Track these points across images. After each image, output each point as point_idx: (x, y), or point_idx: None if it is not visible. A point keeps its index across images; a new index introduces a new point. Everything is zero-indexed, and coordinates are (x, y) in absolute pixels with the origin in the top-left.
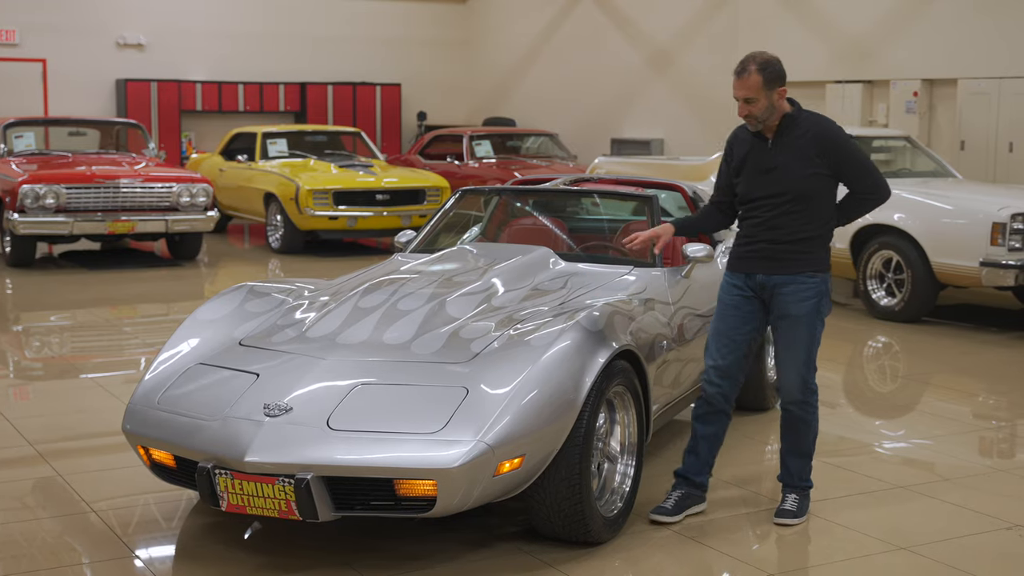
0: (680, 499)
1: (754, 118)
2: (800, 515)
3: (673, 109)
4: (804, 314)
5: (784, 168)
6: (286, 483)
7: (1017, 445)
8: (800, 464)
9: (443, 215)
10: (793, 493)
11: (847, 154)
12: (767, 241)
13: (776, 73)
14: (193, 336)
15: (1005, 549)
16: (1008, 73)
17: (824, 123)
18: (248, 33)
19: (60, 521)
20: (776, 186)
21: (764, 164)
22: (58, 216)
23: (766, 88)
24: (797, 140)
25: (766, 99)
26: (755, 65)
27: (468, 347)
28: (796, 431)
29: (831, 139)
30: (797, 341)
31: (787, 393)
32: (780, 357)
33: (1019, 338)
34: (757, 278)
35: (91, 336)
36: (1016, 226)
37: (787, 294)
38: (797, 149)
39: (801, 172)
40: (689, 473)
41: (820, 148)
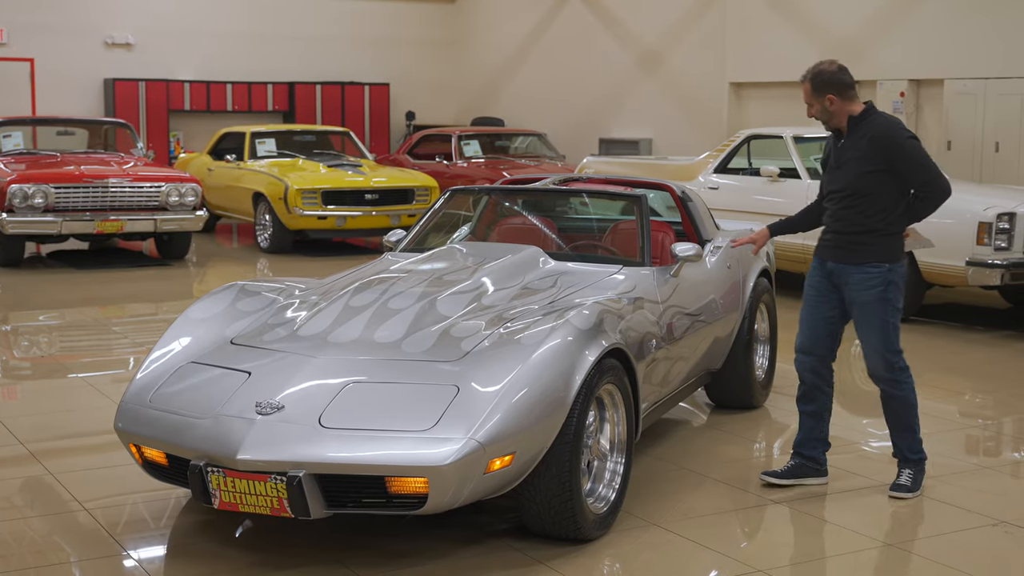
0: (793, 468)
1: (817, 118)
2: (915, 489)
3: (661, 109)
4: (871, 301)
5: (847, 166)
6: (278, 481)
7: (1003, 443)
8: (907, 438)
9: (433, 214)
10: (908, 468)
11: (902, 154)
12: (833, 232)
13: (823, 82)
14: (185, 335)
15: (992, 545)
16: (994, 74)
17: (884, 124)
18: (236, 33)
19: (51, 520)
20: (840, 182)
21: (836, 162)
22: (47, 216)
23: (815, 95)
24: (858, 140)
25: (818, 104)
26: (809, 74)
27: (459, 346)
28: (893, 407)
29: (887, 139)
30: (870, 325)
31: (873, 372)
32: (862, 340)
33: (1005, 337)
34: (828, 265)
35: (80, 336)
36: (1002, 226)
37: (854, 283)
38: (858, 149)
39: (857, 170)
40: (800, 448)
41: (876, 147)
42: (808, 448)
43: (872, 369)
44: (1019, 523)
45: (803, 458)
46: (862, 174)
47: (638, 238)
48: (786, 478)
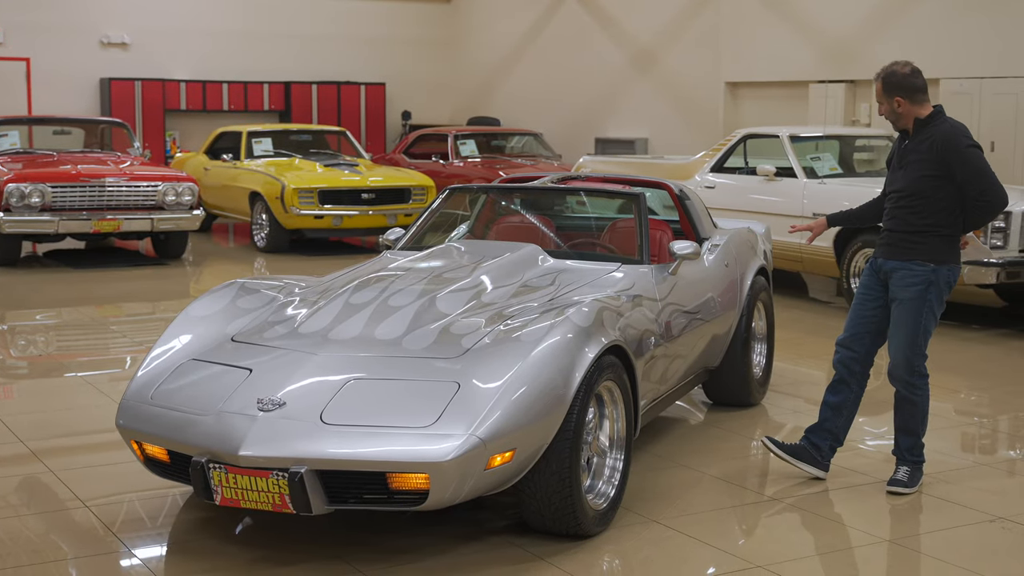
0: (795, 447)
1: (886, 116)
2: (912, 485)
3: (657, 109)
4: (910, 298)
5: (908, 167)
6: (280, 477)
7: (999, 441)
8: (909, 441)
9: (431, 213)
10: (905, 466)
11: (960, 161)
12: (889, 230)
13: (894, 84)
14: (185, 332)
15: (988, 541)
16: (989, 73)
17: (947, 130)
18: (232, 32)
19: (52, 517)
20: (900, 182)
21: (899, 162)
22: (43, 215)
23: (885, 95)
24: (920, 144)
25: (887, 104)
26: (882, 73)
27: (459, 343)
28: (904, 410)
29: (948, 145)
30: (902, 323)
31: (894, 371)
32: (890, 338)
33: (1001, 335)
34: (879, 262)
35: (77, 334)
36: (997, 224)
37: (897, 278)
38: (919, 152)
39: (917, 172)
40: (810, 432)
41: (936, 152)
42: (816, 435)
43: (893, 368)
44: (1016, 519)
45: (809, 443)
46: (921, 177)
47: (636, 236)
48: (784, 451)
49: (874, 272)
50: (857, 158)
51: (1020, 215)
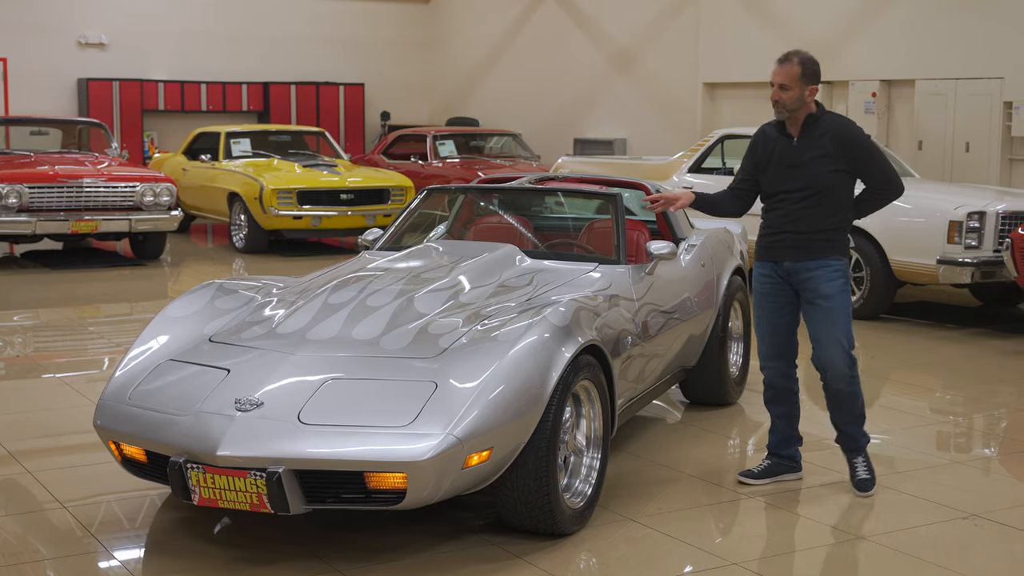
0: (769, 467)
1: (783, 105)
2: (874, 482)
3: (636, 109)
4: (836, 292)
5: (808, 164)
6: (258, 477)
7: (973, 439)
8: (858, 428)
9: (410, 213)
10: (859, 456)
11: (865, 152)
12: (792, 232)
13: (813, 72)
14: (163, 333)
15: (962, 538)
16: (964, 74)
17: (844, 123)
18: (211, 32)
19: (29, 518)
20: (800, 181)
21: (789, 160)
22: (21, 216)
23: (802, 81)
24: (820, 139)
25: (799, 91)
26: (798, 58)
27: (436, 342)
28: (847, 403)
29: (851, 138)
30: (834, 319)
31: (835, 371)
32: (820, 338)
33: (976, 335)
34: (785, 265)
35: (55, 335)
36: (972, 224)
37: (817, 277)
38: (820, 147)
39: (823, 169)
40: (775, 449)
41: (840, 146)
42: (784, 448)
43: (832, 367)
44: (990, 516)
45: (780, 458)
46: (827, 173)
47: (613, 236)
48: (763, 478)
49: (780, 277)
50: None
51: (995, 215)
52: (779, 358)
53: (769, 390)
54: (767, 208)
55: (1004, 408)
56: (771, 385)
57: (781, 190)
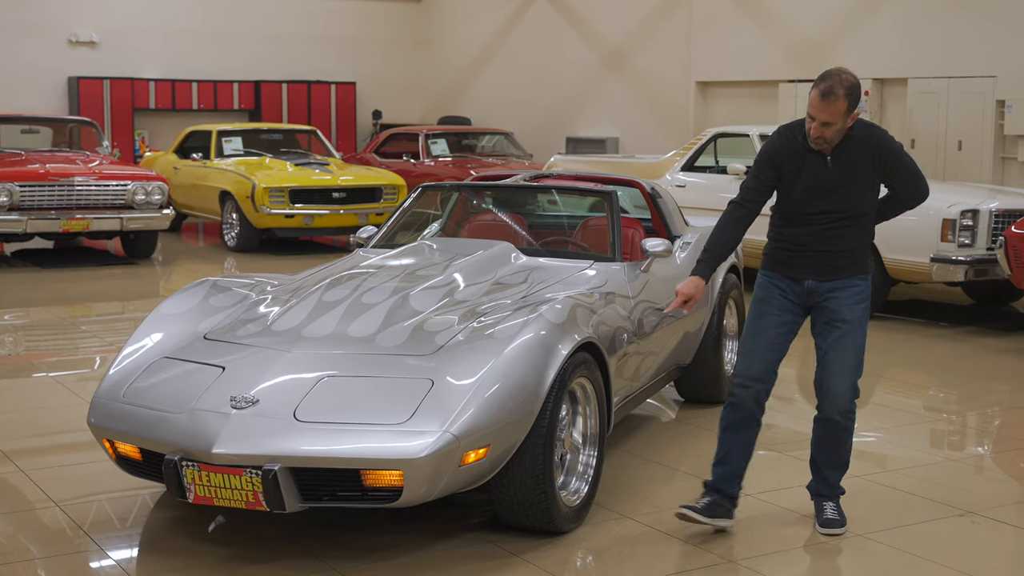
0: (711, 505)
1: (825, 140)
2: (844, 523)
3: (628, 108)
4: (858, 317)
5: (847, 187)
6: (253, 474)
7: (967, 437)
8: (838, 475)
9: (404, 211)
10: (831, 501)
11: (903, 167)
12: (821, 252)
13: (858, 98)
14: (157, 330)
15: (958, 536)
16: (957, 73)
17: (878, 135)
18: (202, 31)
19: (22, 516)
20: (834, 204)
21: (823, 183)
22: (11, 214)
23: (847, 114)
24: (857, 159)
25: (843, 124)
26: (843, 90)
27: (432, 340)
28: (838, 441)
29: (889, 150)
30: (851, 345)
31: (837, 401)
32: (830, 364)
33: (969, 333)
34: (807, 284)
35: (47, 334)
36: (966, 222)
37: (842, 298)
38: (858, 169)
39: (862, 192)
40: (720, 485)
41: (879, 164)
42: (729, 484)
43: (837, 396)
44: (986, 514)
45: (722, 496)
46: (866, 195)
47: (609, 234)
48: (705, 516)
49: (794, 295)
50: None
51: (988, 213)
52: (763, 381)
53: (735, 413)
54: (786, 222)
55: (998, 406)
56: (740, 408)
57: (810, 212)
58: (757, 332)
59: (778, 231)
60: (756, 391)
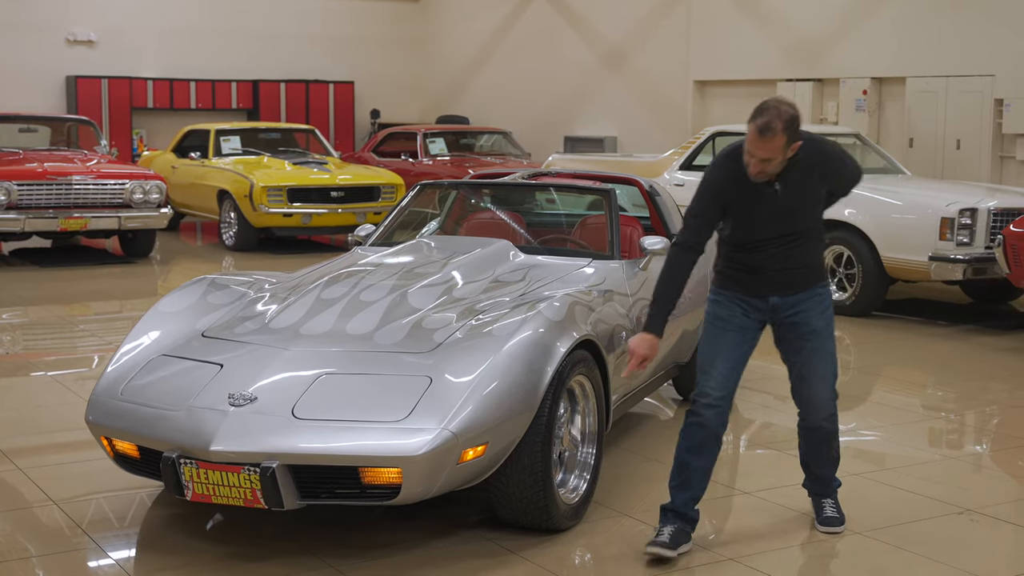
0: (677, 534)
1: (766, 174)
2: (843, 520)
3: (626, 107)
4: (826, 324)
5: (797, 211)
6: (251, 472)
7: (966, 435)
8: (832, 471)
9: (402, 209)
10: (829, 498)
11: (842, 170)
12: (780, 271)
13: (797, 130)
14: (155, 328)
15: (957, 533)
16: (955, 72)
17: (821, 151)
18: (200, 30)
19: (19, 515)
20: (790, 227)
21: (776, 212)
22: (9, 213)
23: (786, 147)
24: (806, 180)
25: (783, 157)
26: (782, 124)
27: (431, 337)
28: (828, 443)
29: (829, 158)
30: (827, 354)
31: (821, 409)
32: (809, 375)
33: (967, 331)
34: (771, 301)
35: (45, 333)
36: (964, 221)
37: (809, 308)
38: (808, 189)
39: (812, 212)
40: (685, 509)
41: (825, 177)
42: (691, 509)
43: (820, 405)
44: (984, 511)
45: (684, 521)
46: (818, 214)
47: (607, 232)
48: (674, 548)
49: (756, 310)
50: None
51: (986, 212)
52: (728, 398)
53: (701, 433)
54: (738, 249)
55: (996, 404)
56: (706, 427)
57: (763, 238)
58: (720, 351)
59: (730, 256)
60: (723, 410)
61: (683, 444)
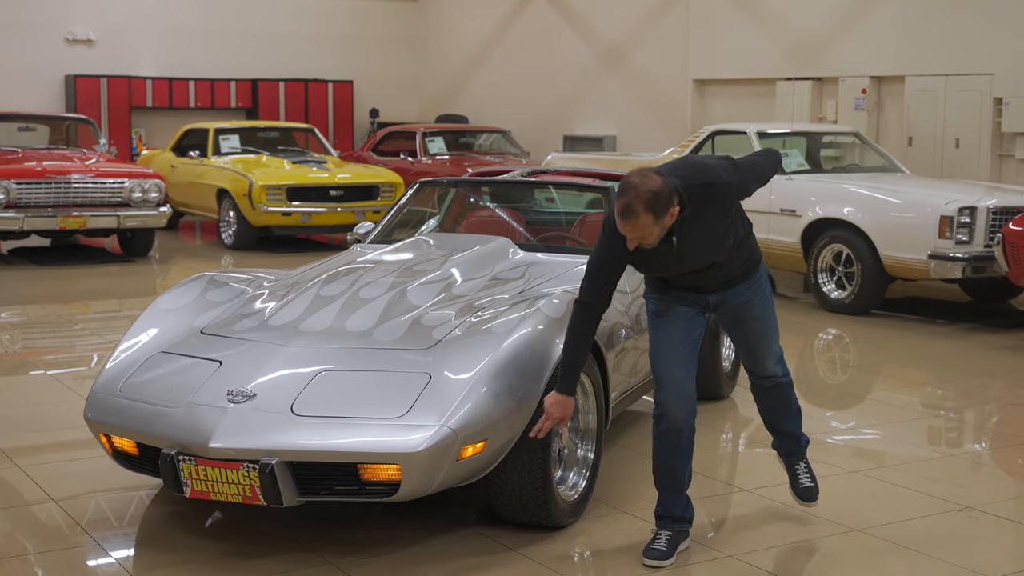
0: (674, 537)
1: (650, 245)
2: (818, 490)
3: (625, 106)
4: (767, 305)
5: (704, 249)
6: (250, 469)
7: (965, 433)
8: (796, 424)
9: (401, 207)
10: (800, 460)
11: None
12: (714, 279)
13: (665, 200)
14: (153, 325)
15: (957, 530)
16: (954, 71)
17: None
18: (199, 29)
19: (19, 513)
20: (704, 261)
21: (679, 258)
22: (8, 212)
23: (658, 221)
24: (701, 221)
25: (660, 228)
26: (642, 205)
27: (430, 334)
28: (785, 395)
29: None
30: (769, 329)
31: (771, 373)
32: (757, 352)
33: (966, 330)
34: (711, 297)
35: (43, 332)
36: (963, 220)
37: (750, 298)
38: (705, 229)
39: (723, 244)
40: (675, 510)
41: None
42: (685, 509)
43: (768, 372)
44: (984, 508)
45: (680, 523)
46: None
47: None
48: (671, 555)
49: (701, 306)
50: (824, 155)
51: (985, 210)
52: (690, 392)
53: (678, 438)
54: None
55: (995, 403)
56: (681, 431)
57: (679, 277)
58: (671, 347)
59: (655, 287)
60: (691, 405)
61: (661, 451)
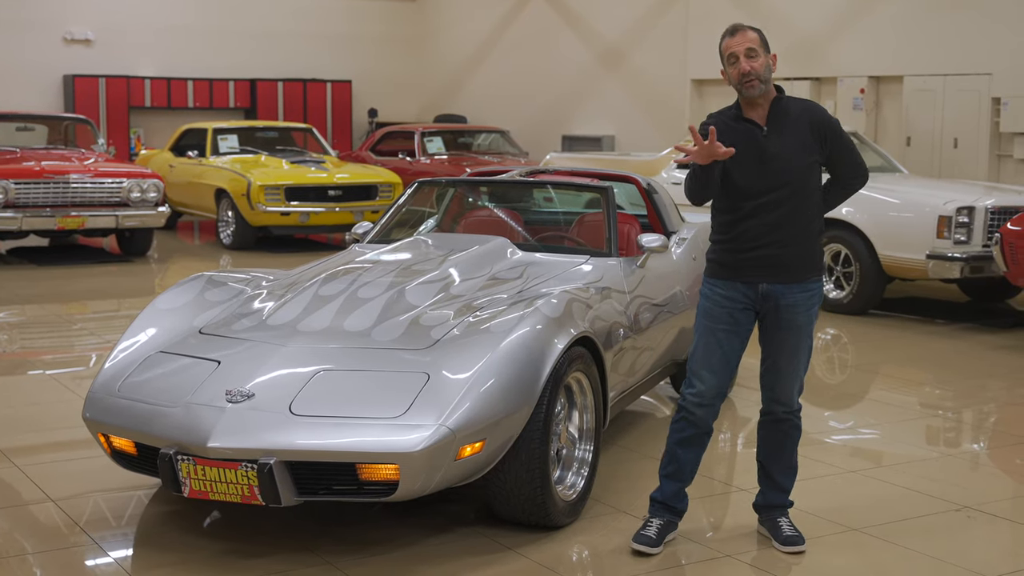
0: (664, 527)
1: (757, 75)
2: (803, 538)
3: (624, 105)
4: (808, 323)
5: (785, 157)
6: (249, 468)
7: (963, 433)
8: (791, 480)
9: (400, 207)
10: (784, 516)
11: (844, 140)
12: (775, 244)
13: (765, 40)
14: (152, 325)
15: (955, 529)
16: (953, 70)
17: (813, 106)
18: (197, 29)
19: (17, 513)
20: (776, 178)
21: (762, 154)
22: (7, 212)
23: (763, 46)
24: (793, 124)
25: (766, 58)
26: (748, 26)
27: (428, 334)
28: (790, 441)
29: (829, 125)
30: (802, 350)
31: (787, 403)
32: (781, 368)
33: (964, 330)
34: (761, 288)
35: (43, 332)
36: (961, 219)
37: (797, 303)
38: (794, 135)
39: (801, 161)
40: (674, 501)
41: (818, 134)
42: (680, 501)
43: (785, 399)
44: (982, 508)
45: (672, 513)
46: (807, 165)
47: (605, 229)
48: (659, 544)
49: (745, 300)
50: None
51: (984, 210)
52: (720, 395)
53: (691, 430)
54: (734, 218)
55: (993, 402)
56: (698, 424)
57: (755, 192)
58: (709, 348)
59: (723, 231)
60: (715, 409)
61: (674, 437)
